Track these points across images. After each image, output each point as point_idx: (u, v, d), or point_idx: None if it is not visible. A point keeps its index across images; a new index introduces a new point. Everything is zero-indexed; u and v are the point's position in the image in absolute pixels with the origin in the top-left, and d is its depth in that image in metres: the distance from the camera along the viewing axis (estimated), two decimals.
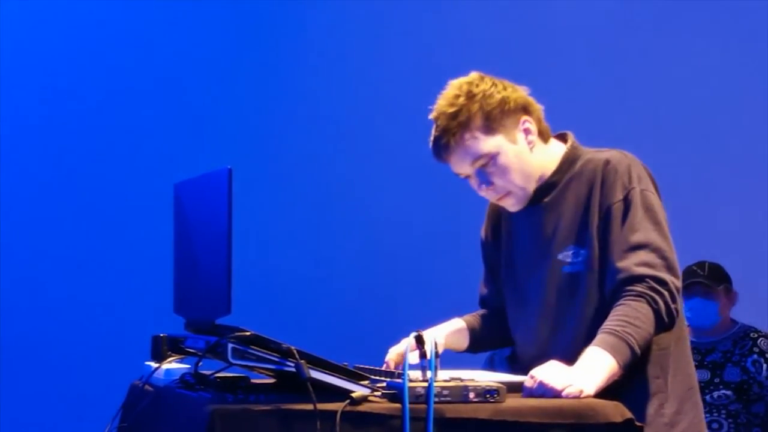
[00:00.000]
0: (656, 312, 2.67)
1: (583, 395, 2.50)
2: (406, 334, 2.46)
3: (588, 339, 2.68)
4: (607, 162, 2.83)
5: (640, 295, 2.69)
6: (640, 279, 2.70)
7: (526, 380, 2.56)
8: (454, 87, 2.88)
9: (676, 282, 2.72)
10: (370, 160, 6.15)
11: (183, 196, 2.68)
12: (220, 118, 6.15)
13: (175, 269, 2.73)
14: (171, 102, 6.10)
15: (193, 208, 2.61)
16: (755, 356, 4.86)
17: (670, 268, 2.72)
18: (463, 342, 3.07)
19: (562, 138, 2.96)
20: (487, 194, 2.90)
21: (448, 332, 3.02)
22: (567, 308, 2.81)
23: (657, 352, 2.77)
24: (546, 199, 2.89)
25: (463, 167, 2.87)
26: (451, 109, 2.83)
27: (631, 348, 2.63)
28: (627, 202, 2.77)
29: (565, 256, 2.83)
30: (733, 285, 4.98)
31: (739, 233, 5.78)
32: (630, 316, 2.66)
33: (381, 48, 6.21)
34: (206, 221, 2.47)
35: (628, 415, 2.38)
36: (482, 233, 3.10)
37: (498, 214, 3.04)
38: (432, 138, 2.87)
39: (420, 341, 2.39)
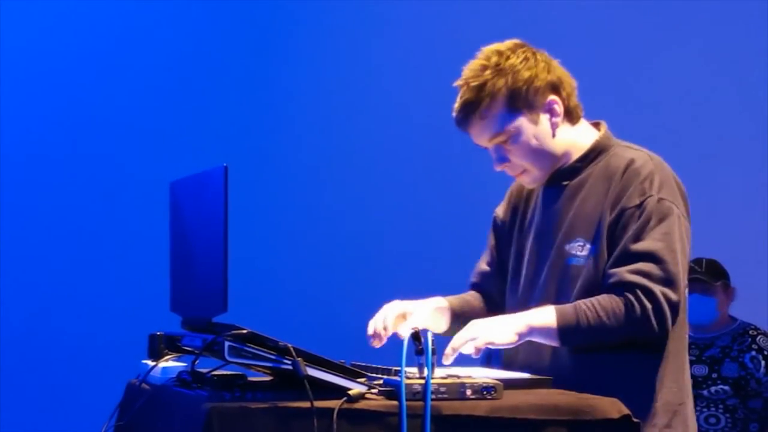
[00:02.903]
0: (630, 317, 2.62)
1: (482, 344, 2.58)
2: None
3: None
4: (631, 162, 2.75)
5: (621, 296, 2.64)
6: (629, 286, 2.64)
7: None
8: (484, 56, 2.79)
9: (670, 294, 2.64)
10: (366, 158, 6.14)
11: (179, 195, 2.68)
12: (216, 116, 6.14)
13: (171, 267, 2.73)
14: (167, 100, 6.10)
15: (190, 207, 2.61)
16: (753, 353, 4.86)
17: (667, 281, 2.64)
18: (443, 324, 2.96)
19: (596, 126, 2.89)
20: (503, 170, 2.83)
21: (432, 309, 2.93)
22: (564, 301, 2.72)
23: (649, 363, 2.72)
24: (567, 183, 2.81)
25: (481, 140, 2.81)
26: (476, 82, 2.75)
27: (578, 321, 2.63)
28: (642, 209, 2.69)
29: (572, 247, 2.75)
30: (731, 281, 4.98)
31: (739, 232, 5.78)
32: (600, 303, 2.64)
33: (378, 46, 6.21)
34: (202, 219, 2.46)
35: (626, 411, 2.37)
36: (498, 212, 3.00)
37: (520, 196, 2.95)
38: (455, 107, 2.79)
39: (416, 338, 2.38)
